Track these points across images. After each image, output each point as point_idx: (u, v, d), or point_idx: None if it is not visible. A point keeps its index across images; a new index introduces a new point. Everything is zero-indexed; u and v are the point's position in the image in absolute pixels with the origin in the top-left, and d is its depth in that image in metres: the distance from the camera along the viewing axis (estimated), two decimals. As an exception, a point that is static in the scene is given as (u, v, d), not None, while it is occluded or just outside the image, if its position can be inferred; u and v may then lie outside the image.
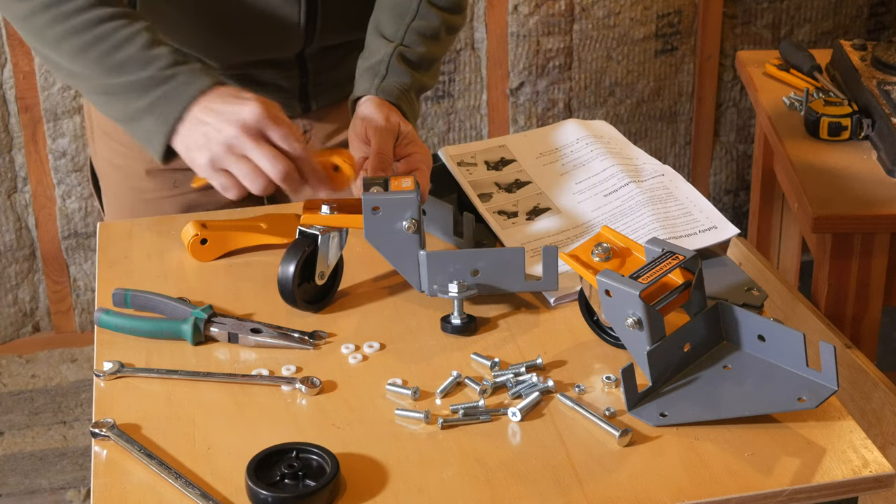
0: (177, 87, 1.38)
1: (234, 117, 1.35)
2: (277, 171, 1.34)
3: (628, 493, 1.12)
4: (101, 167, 1.76)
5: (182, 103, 1.38)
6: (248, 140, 1.34)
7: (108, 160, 1.74)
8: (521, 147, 1.67)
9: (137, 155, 1.69)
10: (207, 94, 1.38)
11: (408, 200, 1.36)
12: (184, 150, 1.39)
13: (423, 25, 1.59)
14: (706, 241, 1.45)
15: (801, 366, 1.22)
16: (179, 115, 1.38)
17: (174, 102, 1.38)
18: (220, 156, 1.35)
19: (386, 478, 1.14)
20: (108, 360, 1.30)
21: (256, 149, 1.34)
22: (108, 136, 1.72)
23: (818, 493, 1.14)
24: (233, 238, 1.51)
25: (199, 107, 1.37)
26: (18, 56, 2.77)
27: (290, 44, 1.64)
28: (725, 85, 3.17)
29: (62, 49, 1.41)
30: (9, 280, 2.96)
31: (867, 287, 2.02)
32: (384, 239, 1.38)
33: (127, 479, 1.15)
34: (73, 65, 1.42)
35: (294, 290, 1.38)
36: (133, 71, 1.39)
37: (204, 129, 1.36)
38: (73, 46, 1.41)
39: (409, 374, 1.29)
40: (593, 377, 1.28)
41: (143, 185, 1.72)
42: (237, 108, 1.35)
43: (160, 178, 1.71)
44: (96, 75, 1.41)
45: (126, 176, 1.73)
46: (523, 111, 3.07)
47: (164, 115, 1.38)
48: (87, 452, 2.68)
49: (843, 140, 2.15)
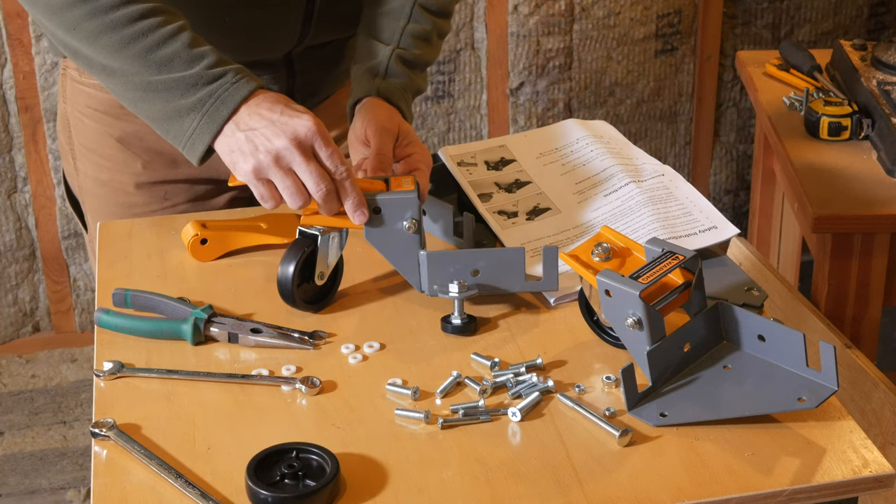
0: (226, 86, 1.35)
1: (286, 128, 1.32)
2: (322, 191, 1.32)
3: (628, 493, 1.12)
4: (84, 185, 1.72)
5: (232, 104, 1.35)
6: (299, 155, 1.32)
7: (92, 177, 1.70)
8: (521, 147, 1.67)
9: (124, 169, 1.67)
10: (255, 97, 1.35)
11: (408, 200, 1.36)
12: (226, 153, 1.35)
13: (417, 29, 1.59)
14: (706, 241, 1.45)
15: (801, 366, 1.22)
16: (228, 115, 1.35)
17: (224, 102, 1.35)
18: (267, 166, 1.33)
19: (386, 478, 1.14)
20: (108, 360, 1.30)
21: (305, 165, 1.32)
22: (93, 152, 1.69)
23: (818, 493, 1.14)
24: (233, 238, 1.51)
25: (247, 109, 1.34)
26: (18, 56, 2.77)
27: (283, 43, 1.64)
28: (725, 85, 3.17)
29: (99, 44, 1.37)
30: (9, 280, 2.96)
31: (867, 287, 2.02)
32: (384, 239, 1.38)
33: (127, 479, 1.15)
34: (110, 60, 1.37)
35: (293, 290, 1.38)
36: (178, 68, 1.36)
37: (252, 134, 1.33)
38: (113, 41, 1.36)
39: (409, 374, 1.29)
40: (593, 377, 1.28)
41: (132, 199, 1.69)
42: (290, 119, 1.33)
43: (150, 191, 1.68)
44: (136, 72, 1.37)
45: (113, 191, 1.69)
46: (523, 111, 3.07)
47: (212, 114, 1.35)
48: (87, 452, 2.68)
49: (843, 140, 2.15)
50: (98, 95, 1.65)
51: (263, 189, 1.35)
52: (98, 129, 1.67)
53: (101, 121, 1.66)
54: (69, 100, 1.69)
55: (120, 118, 1.65)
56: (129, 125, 1.65)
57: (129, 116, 1.64)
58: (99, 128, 1.67)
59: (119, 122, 1.65)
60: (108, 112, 1.65)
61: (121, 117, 1.65)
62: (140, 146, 1.66)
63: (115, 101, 1.63)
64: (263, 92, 1.37)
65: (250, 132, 1.33)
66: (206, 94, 1.35)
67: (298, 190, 1.33)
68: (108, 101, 1.65)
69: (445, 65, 2.98)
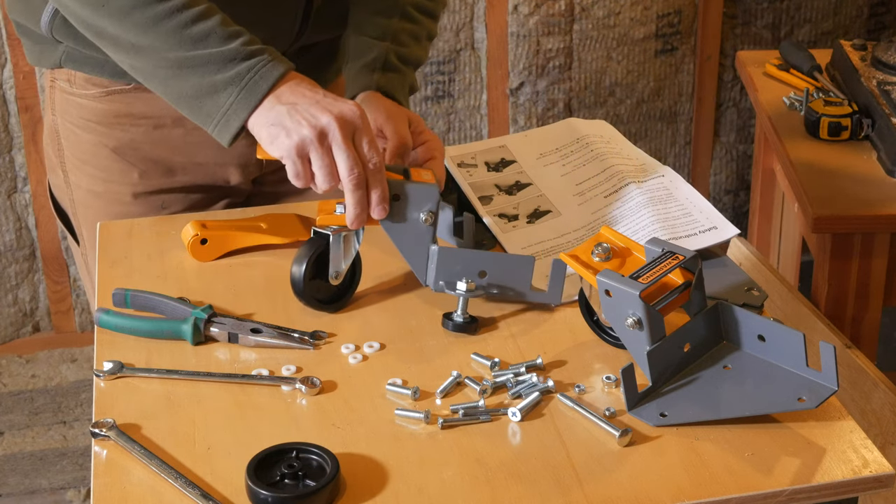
0: (264, 62, 1.35)
1: (332, 107, 1.32)
2: (354, 176, 1.32)
3: (628, 493, 1.12)
4: (77, 197, 1.70)
5: (271, 79, 1.34)
6: (341, 134, 1.31)
7: (86, 189, 1.68)
8: (521, 147, 1.67)
9: (120, 179, 1.65)
10: (293, 77, 1.35)
11: (430, 191, 1.36)
12: (264, 126, 1.34)
13: (408, 27, 1.60)
14: (706, 242, 1.45)
15: (801, 366, 1.22)
16: (268, 90, 1.34)
17: (263, 77, 1.34)
18: (310, 141, 1.32)
19: (386, 478, 1.15)
20: (108, 360, 1.30)
21: (343, 146, 1.32)
22: (87, 164, 1.67)
23: (818, 493, 1.14)
24: (233, 238, 1.51)
25: (288, 87, 1.34)
26: (18, 56, 2.77)
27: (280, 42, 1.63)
28: (725, 85, 3.17)
29: (131, 20, 1.36)
30: (9, 280, 2.96)
31: (867, 287, 2.02)
32: (399, 227, 1.37)
33: (127, 479, 1.15)
34: (141, 37, 1.36)
35: (305, 289, 1.38)
36: (215, 43, 1.35)
37: (295, 108, 1.33)
38: (145, 17, 1.36)
39: (409, 374, 1.29)
40: (593, 377, 1.28)
41: (129, 209, 1.67)
42: (335, 101, 1.33)
43: (147, 201, 1.67)
44: (169, 48, 1.36)
45: (109, 203, 1.68)
46: (523, 111, 3.07)
47: (252, 88, 1.34)
48: (87, 452, 2.68)
49: (843, 140, 2.15)
50: (92, 106, 1.63)
51: (300, 166, 1.33)
52: (92, 140, 1.65)
53: (95, 131, 1.64)
54: (59, 112, 1.67)
55: (115, 127, 1.63)
56: (125, 134, 1.63)
57: (125, 125, 1.63)
58: (93, 139, 1.65)
59: (114, 132, 1.64)
60: (102, 122, 1.63)
61: (115, 126, 1.63)
62: (136, 156, 1.65)
63: (109, 111, 1.62)
64: (299, 74, 1.37)
65: (293, 106, 1.33)
66: (245, 69, 1.35)
67: (331, 171, 1.33)
68: (103, 111, 1.63)
69: (445, 65, 2.98)
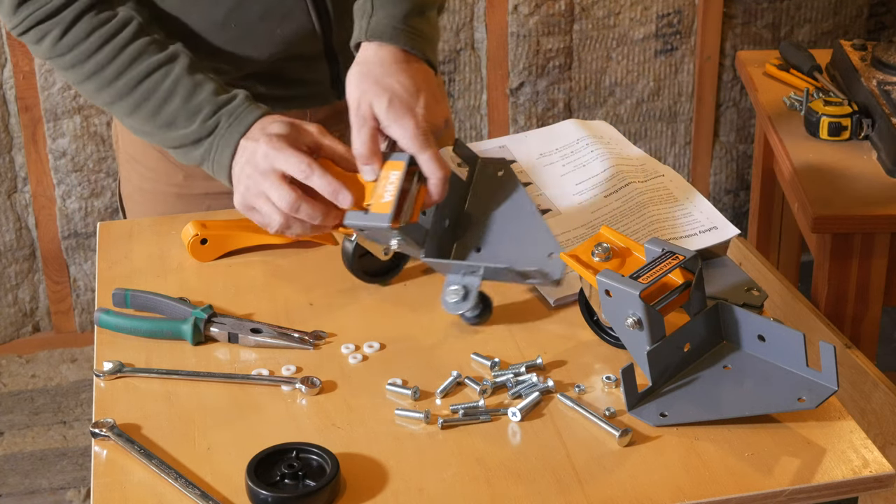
0: (220, 137, 1.41)
1: (251, 158, 1.36)
2: (286, 202, 1.32)
3: (628, 493, 1.12)
4: (128, 193, 1.74)
5: (228, 155, 1.40)
6: (259, 177, 1.34)
7: (136, 185, 1.71)
8: (521, 147, 1.67)
9: (166, 180, 1.67)
10: (245, 135, 1.39)
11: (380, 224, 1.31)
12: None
13: None
14: (706, 242, 1.45)
15: (801, 366, 1.22)
16: (229, 162, 1.40)
17: (221, 154, 1.40)
18: (244, 195, 1.36)
19: (386, 478, 1.15)
20: (108, 360, 1.30)
21: (267, 182, 1.34)
22: (137, 162, 1.69)
23: (818, 493, 1.14)
24: (233, 238, 1.51)
25: (240, 148, 1.39)
26: (18, 56, 2.77)
27: (310, 42, 1.62)
28: (725, 85, 3.17)
29: (118, 111, 1.47)
30: (9, 280, 2.96)
31: (867, 287, 2.02)
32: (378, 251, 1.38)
33: (127, 479, 1.15)
34: (131, 122, 1.47)
35: (354, 263, 1.41)
36: (182, 125, 1.43)
37: (236, 170, 1.39)
38: (128, 107, 1.46)
39: (409, 374, 1.29)
40: (593, 377, 1.28)
41: (175, 209, 1.68)
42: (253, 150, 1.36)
43: (191, 202, 1.68)
44: (154, 130, 1.46)
45: (156, 201, 1.70)
46: (523, 111, 3.07)
47: (219, 162, 1.41)
48: (87, 452, 2.68)
49: (843, 140, 2.15)
50: None
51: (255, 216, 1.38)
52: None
53: None
54: None
55: None
56: None
57: None
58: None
59: None
60: None
61: None
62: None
63: None
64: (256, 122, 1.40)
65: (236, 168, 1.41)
66: (207, 148, 1.42)
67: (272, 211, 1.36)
68: None
69: (445, 65, 2.98)
